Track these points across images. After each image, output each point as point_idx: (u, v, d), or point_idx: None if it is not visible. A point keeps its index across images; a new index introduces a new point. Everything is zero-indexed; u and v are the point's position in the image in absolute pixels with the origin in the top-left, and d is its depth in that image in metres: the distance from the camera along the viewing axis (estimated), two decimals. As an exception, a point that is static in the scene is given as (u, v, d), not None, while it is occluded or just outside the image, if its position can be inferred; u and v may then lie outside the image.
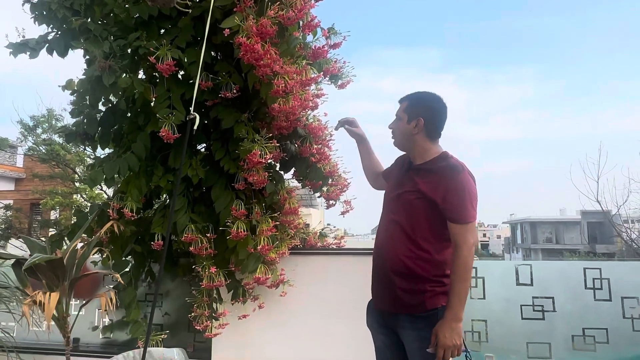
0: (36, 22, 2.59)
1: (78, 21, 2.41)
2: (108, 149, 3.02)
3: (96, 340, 3.33)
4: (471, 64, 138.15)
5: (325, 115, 2.90)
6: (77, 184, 12.97)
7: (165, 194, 2.93)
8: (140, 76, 2.71)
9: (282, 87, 2.27)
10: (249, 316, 2.78)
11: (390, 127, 2.07)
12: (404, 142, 2.02)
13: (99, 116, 2.88)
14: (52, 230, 12.57)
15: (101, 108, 2.90)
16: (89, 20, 2.53)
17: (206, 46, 2.15)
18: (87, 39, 2.41)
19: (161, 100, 2.45)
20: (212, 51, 2.63)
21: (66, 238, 2.89)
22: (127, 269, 2.94)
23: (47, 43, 2.52)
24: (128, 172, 2.61)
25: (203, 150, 2.93)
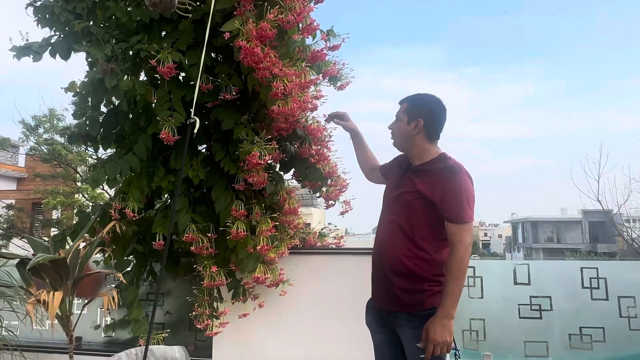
0: (39, 25, 2.61)
1: (80, 25, 2.43)
2: (110, 149, 3.05)
3: (98, 338, 3.35)
4: (473, 63, 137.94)
5: (324, 116, 2.93)
6: (79, 184, 13.01)
7: (167, 194, 2.96)
8: (141, 78, 2.74)
9: (281, 90, 2.29)
10: (249, 315, 2.80)
11: (390, 127, 2.09)
12: (403, 142, 2.04)
13: (101, 118, 2.90)
14: (54, 230, 12.60)
15: (103, 110, 2.92)
16: (92, 23, 2.55)
17: (206, 49, 2.17)
18: (89, 42, 2.44)
19: (162, 102, 2.48)
20: (212, 53, 2.66)
21: (69, 238, 2.92)
22: (129, 269, 2.96)
23: (50, 46, 2.54)
24: (130, 173, 2.63)
25: (204, 150, 2.95)
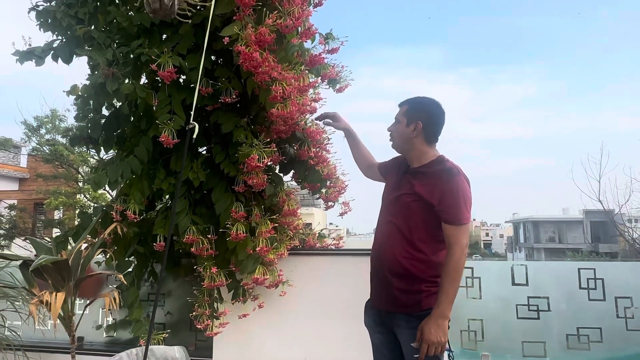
0: (41, 29, 2.64)
1: (82, 29, 2.45)
2: (111, 151, 3.08)
3: (100, 339, 3.38)
4: (473, 63, 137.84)
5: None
6: (81, 184, 13.04)
7: (167, 196, 2.99)
8: (142, 81, 2.76)
9: (280, 93, 2.31)
10: (249, 315, 2.82)
11: (389, 129, 2.11)
12: (402, 144, 2.06)
13: (102, 120, 2.93)
14: (56, 230, 12.64)
15: (105, 112, 2.94)
16: (93, 28, 2.58)
17: (207, 52, 2.19)
18: (91, 46, 2.46)
19: (162, 105, 2.50)
20: (212, 57, 2.68)
21: (71, 239, 2.95)
22: (130, 270, 2.98)
23: (52, 50, 2.57)
24: (131, 175, 2.65)
25: (204, 152, 2.98)
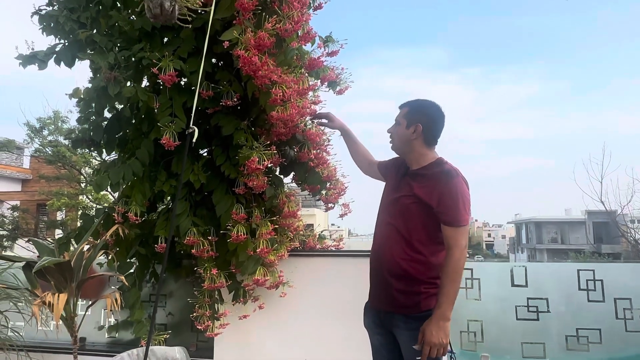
0: (44, 32, 2.67)
1: (84, 33, 2.48)
2: (113, 153, 3.11)
3: (102, 339, 3.40)
4: (475, 63, 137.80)
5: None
6: (83, 185, 13.09)
7: (169, 197, 3.01)
8: (144, 84, 2.79)
9: (280, 96, 2.33)
10: (250, 316, 2.84)
11: (389, 131, 2.13)
12: (402, 146, 2.08)
13: (104, 123, 2.95)
14: (59, 231, 12.68)
15: (107, 115, 2.97)
16: (95, 32, 2.61)
17: (207, 56, 2.22)
18: (93, 50, 2.49)
19: (164, 108, 2.52)
20: (213, 60, 2.70)
21: (73, 241, 2.97)
22: (132, 271, 3.00)
23: (54, 54, 2.60)
24: (132, 177, 2.67)
25: (205, 154, 3.00)
